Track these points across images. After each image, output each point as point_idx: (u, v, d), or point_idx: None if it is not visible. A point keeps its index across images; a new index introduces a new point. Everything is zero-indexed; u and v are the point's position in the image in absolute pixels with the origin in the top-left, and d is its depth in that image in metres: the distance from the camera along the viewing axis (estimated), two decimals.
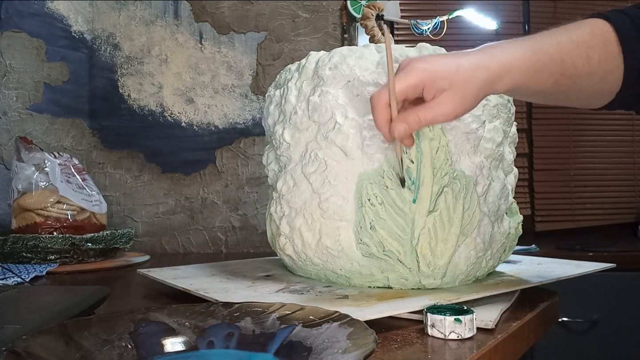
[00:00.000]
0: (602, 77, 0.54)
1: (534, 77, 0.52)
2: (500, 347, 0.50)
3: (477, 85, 0.50)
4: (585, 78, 0.54)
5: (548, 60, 0.52)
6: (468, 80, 0.50)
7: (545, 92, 0.55)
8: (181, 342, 0.42)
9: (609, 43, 0.54)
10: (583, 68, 0.53)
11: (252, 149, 1.36)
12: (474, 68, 0.50)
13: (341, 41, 1.37)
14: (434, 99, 0.51)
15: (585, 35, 0.54)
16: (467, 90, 0.50)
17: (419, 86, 0.51)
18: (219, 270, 0.79)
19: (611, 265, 0.78)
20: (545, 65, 0.52)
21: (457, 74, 0.50)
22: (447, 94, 0.50)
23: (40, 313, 0.50)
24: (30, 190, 1.05)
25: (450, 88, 0.50)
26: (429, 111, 0.51)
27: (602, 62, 0.53)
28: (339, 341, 0.38)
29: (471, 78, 0.50)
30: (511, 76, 0.51)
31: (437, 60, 0.51)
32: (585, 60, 0.53)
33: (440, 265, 0.62)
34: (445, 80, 0.50)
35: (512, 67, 0.51)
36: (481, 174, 0.64)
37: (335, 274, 0.67)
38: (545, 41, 0.53)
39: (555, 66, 0.52)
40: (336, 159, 0.64)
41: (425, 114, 0.51)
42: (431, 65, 0.51)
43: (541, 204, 1.93)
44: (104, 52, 1.36)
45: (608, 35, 0.54)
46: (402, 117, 0.51)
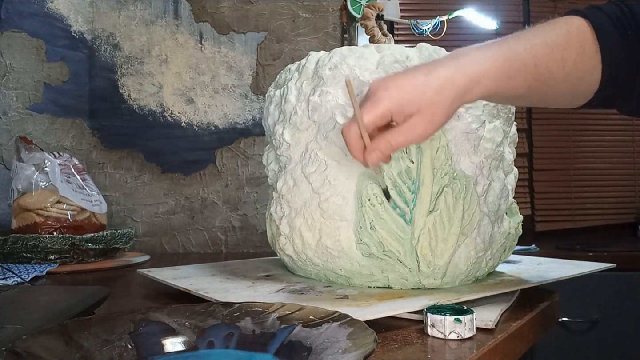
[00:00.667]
0: (579, 78, 0.53)
1: (507, 84, 0.51)
2: (500, 347, 0.50)
3: (446, 104, 0.50)
4: (560, 81, 0.53)
5: (520, 67, 0.51)
6: (436, 102, 0.49)
7: (519, 97, 0.55)
8: (181, 342, 0.42)
9: (585, 43, 0.52)
10: (558, 71, 0.52)
11: (252, 149, 1.36)
12: (442, 86, 0.50)
13: (341, 41, 1.37)
14: (404, 122, 0.50)
15: (560, 37, 0.52)
16: (436, 111, 0.50)
17: (387, 115, 0.50)
18: (219, 270, 0.79)
19: (611, 265, 0.78)
20: (517, 72, 0.51)
21: (424, 97, 0.49)
22: (416, 117, 0.50)
23: (40, 313, 0.50)
24: (30, 190, 1.05)
25: (419, 112, 0.50)
26: (399, 135, 0.51)
27: (579, 64, 0.52)
28: (339, 341, 0.38)
29: (439, 99, 0.49)
30: (482, 86, 0.50)
31: (402, 84, 0.50)
32: (560, 63, 0.52)
33: (440, 265, 0.62)
34: (412, 105, 0.49)
35: (481, 78, 0.50)
36: (481, 174, 0.64)
37: (335, 274, 0.67)
38: (518, 45, 0.52)
39: (529, 72, 0.51)
40: (336, 159, 0.64)
41: (396, 139, 0.51)
42: (397, 92, 0.50)
43: (541, 204, 1.92)
44: (104, 52, 1.36)
45: (585, 35, 0.53)
46: (375, 145, 0.51)
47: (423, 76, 0.50)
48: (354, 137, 0.51)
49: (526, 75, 0.51)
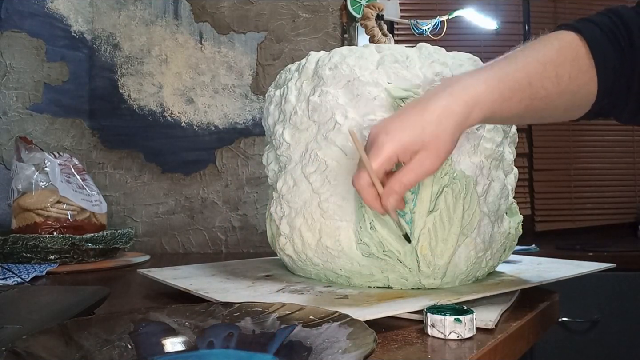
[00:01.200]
0: (574, 92, 0.53)
1: (503, 105, 0.51)
2: (500, 347, 0.50)
3: (447, 134, 0.50)
4: (557, 97, 0.52)
5: (515, 87, 0.51)
6: (438, 135, 0.50)
7: (518, 117, 0.54)
8: (181, 342, 0.42)
9: (579, 57, 0.52)
10: (553, 88, 0.52)
11: (252, 149, 1.36)
12: (440, 118, 0.50)
13: (341, 41, 1.37)
14: (411, 160, 0.51)
15: (552, 53, 0.52)
16: (439, 143, 0.50)
17: (393, 158, 0.51)
18: (219, 270, 0.79)
19: (611, 265, 0.78)
20: (512, 92, 0.51)
21: (425, 133, 0.50)
22: (422, 153, 0.50)
23: (40, 313, 0.50)
24: (30, 190, 1.05)
25: (424, 147, 0.50)
26: (410, 174, 0.51)
27: (574, 79, 0.52)
28: (339, 341, 0.38)
29: (440, 130, 0.50)
30: (479, 110, 0.50)
31: (401, 125, 0.51)
32: (554, 79, 0.52)
33: (440, 265, 0.62)
34: (415, 143, 0.50)
35: (478, 102, 0.50)
36: (481, 174, 0.64)
37: (335, 274, 0.67)
38: (510, 67, 0.52)
39: (524, 91, 0.51)
40: (336, 159, 0.64)
41: (408, 178, 0.51)
42: (399, 134, 0.50)
43: (541, 204, 1.93)
44: (104, 52, 1.36)
45: (578, 49, 0.53)
46: (389, 189, 0.51)
47: (420, 112, 0.51)
48: (366, 185, 0.52)
49: (522, 94, 0.51)
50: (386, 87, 0.63)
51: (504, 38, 1.92)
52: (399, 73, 0.64)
